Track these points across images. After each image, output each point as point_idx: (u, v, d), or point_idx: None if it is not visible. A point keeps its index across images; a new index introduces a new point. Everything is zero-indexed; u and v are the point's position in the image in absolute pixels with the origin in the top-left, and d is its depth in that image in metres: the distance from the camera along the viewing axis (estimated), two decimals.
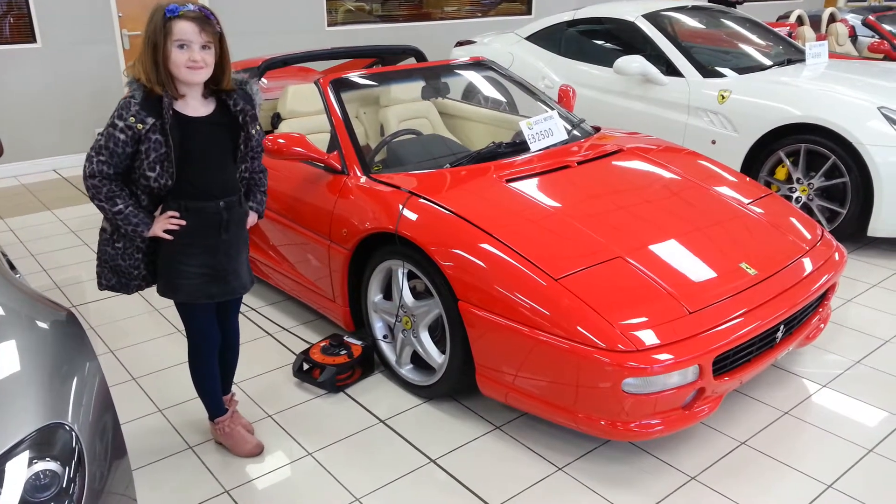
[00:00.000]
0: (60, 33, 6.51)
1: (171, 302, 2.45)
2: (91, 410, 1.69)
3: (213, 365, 2.57)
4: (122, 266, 2.37)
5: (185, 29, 2.12)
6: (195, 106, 2.25)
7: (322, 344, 3.18)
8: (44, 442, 1.53)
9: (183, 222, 2.29)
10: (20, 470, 1.47)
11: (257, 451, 2.66)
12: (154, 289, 2.46)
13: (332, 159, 3.28)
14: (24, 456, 1.49)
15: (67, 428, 1.58)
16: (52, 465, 1.50)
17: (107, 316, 3.79)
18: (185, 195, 2.27)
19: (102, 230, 2.37)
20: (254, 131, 2.36)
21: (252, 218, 2.51)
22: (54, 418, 1.58)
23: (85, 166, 2.21)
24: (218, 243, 2.36)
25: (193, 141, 2.23)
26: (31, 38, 6.41)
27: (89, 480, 1.55)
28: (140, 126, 2.14)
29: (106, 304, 3.93)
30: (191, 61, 2.14)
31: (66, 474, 1.51)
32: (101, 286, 2.44)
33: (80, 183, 6.29)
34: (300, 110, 4.00)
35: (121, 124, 2.14)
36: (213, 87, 2.27)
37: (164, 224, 2.28)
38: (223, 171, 2.34)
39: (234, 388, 2.84)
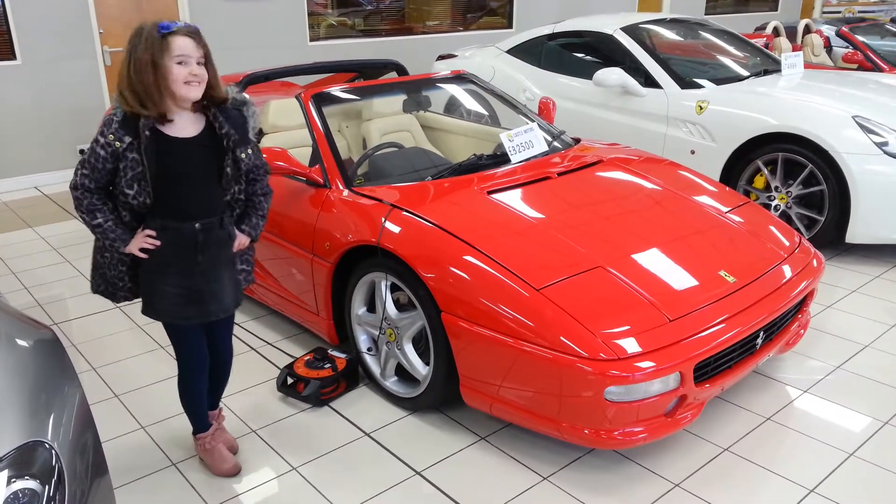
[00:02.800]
0: (41, 50, 6.48)
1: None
2: (71, 428, 1.68)
3: (201, 383, 2.57)
4: (108, 276, 2.39)
5: (183, 45, 2.13)
6: (183, 126, 2.24)
7: (306, 357, 3.17)
8: (23, 460, 1.52)
9: (158, 242, 2.28)
10: None
11: (234, 472, 2.63)
12: (137, 305, 2.44)
13: (315, 173, 3.29)
14: (3, 475, 1.48)
15: (47, 446, 1.57)
16: (31, 484, 1.49)
17: (89, 333, 3.76)
18: (164, 214, 2.28)
19: (97, 238, 2.39)
20: (243, 155, 2.31)
21: (242, 240, 2.45)
22: (34, 436, 1.57)
23: (72, 178, 2.25)
24: (193, 265, 2.32)
25: (173, 161, 2.22)
26: (10, 54, 6.38)
27: (69, 499, 1.54)
28: (118, 144, 2.15)
29: (88, 321, 3.90)
30: (191, 75, 2.15)
31: (46, 493, 1.50)
32: (93, 289, 2.47)
33: (63, 200, 6.25)
34: (282, 125, 4.01)
35: (102, 140, 2.17)
36: (204, 103, 2.25)
37: (140, 242, 2.27)
38: (205, 192, 2.31)
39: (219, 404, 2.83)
